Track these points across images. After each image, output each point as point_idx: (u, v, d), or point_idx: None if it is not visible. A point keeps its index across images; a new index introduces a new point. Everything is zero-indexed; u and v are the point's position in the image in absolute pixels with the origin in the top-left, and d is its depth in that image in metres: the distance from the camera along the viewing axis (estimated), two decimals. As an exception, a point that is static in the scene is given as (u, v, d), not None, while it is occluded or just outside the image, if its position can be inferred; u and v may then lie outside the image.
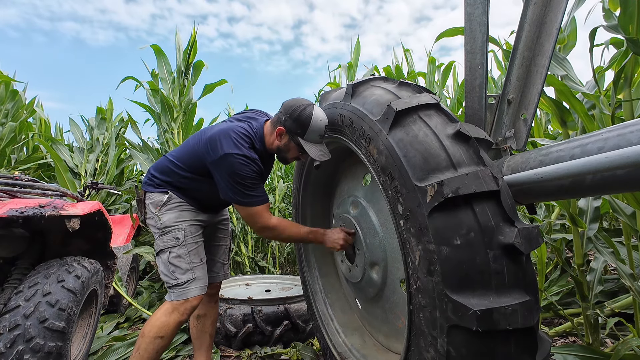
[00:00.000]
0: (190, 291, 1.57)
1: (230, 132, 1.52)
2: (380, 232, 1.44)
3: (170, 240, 1.61)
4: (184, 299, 1.55)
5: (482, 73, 1.18)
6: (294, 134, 1.52)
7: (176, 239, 1.60)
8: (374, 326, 1.69)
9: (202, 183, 1.62)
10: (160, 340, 1.51)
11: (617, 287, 2.41)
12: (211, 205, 1.75)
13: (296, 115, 1.48)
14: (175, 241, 1.60)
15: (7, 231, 1.92)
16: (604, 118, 1.87)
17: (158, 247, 1.62)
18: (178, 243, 1.60)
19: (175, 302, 1.55)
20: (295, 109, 1.50)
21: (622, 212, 1.75)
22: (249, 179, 1.49)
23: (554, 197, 1.02)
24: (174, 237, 1.61)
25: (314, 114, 1.47)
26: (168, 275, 1.58)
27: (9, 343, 1.45)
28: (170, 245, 1.60)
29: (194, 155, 1.61)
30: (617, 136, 0.79)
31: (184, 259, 1.59)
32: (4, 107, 4.63)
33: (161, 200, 1.63)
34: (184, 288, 1.56)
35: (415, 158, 0.96)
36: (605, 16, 1.70)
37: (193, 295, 1.57)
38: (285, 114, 1.52)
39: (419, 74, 4.48)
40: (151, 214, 1.65)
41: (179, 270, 1.58)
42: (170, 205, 1.63)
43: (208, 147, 1.53)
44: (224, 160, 1.47)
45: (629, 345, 1.51)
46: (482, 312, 0.81)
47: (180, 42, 4.08)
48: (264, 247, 4.96)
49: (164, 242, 1.61)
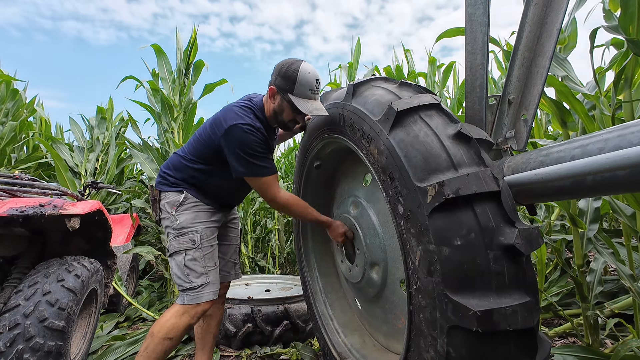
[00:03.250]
0: (204, 295, 1.54)
1: (232, 107, 1.55)
2: (381, 232, 1.44)
3: (186, 242, 1.58)
4: (196, 303, 1.53)
5: (482, 73, 1.18)
6: (285, 91, 1.50)
7: (193, 242, 1.58)
8: (374, 326, 1.69)
9: (214, 174, 1.62)
10: (169, 341, 1.50)
11: (617, 288, 2.41)
12: (225, 199, 1.74)
13: (284, 71, 1.48)
14: (191, 243, 1.57)
15: (7, 230, 1.91)
16: (605, 119, 1.87)
17: (173, 248, 1.59)
18: (195, 246, 1.57)
19: (188, 305, 1.53)
20: (282, 66, 1.50)
21: (622, 212, 1.75)
22: (256, 148, 1.48)
23: (554, 198, 1.02)
24: (190, 240, 1.58)
25: (302, 67, 1.46)
26: (182, 278, 1.55)
27: (8, 342, 1.45)
28: (186, 247, 1.57)
29: (202, 143, 1.61)
30: (618, 137, 0.79)
31: (199, 262, 1.56)
32: (5, 106, 4.63)
33: (177, 200, 1.62)
34: (197, 292, 1.54)
35: (415, 158, 0.96)
36: (606, 17, 1.70)
37: (206, 300, 1.55)
38: (275, 74, 1.52)
39: (420, 74, 4.47)
40: (167, 214, 1.63)
41: (194, 273, 1.55)
42: (187, 205, 1.61)
43: (214, 127, 1.54)
44: (230, 133, 1.48)
45: (628, 346, 1.51)
46: (482, 312, 0.81)
47: (181, 41, 4.08)
48: (263, 247, 4.96)
49: (180, 243, 1.58)
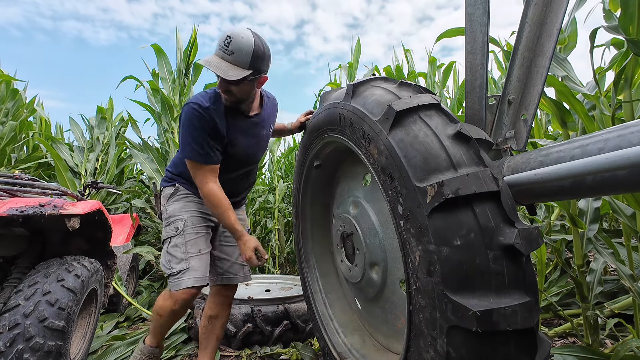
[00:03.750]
0: (183, 281, 1.54)
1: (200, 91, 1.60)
2: (380, 232, 1.44)
3: (171, 230, 1.62)
4: (176, 289, 1.54)
5: (482, 73, 1.18)
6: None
7: (176, 229, 1.61)
8: (374, 326, 1.69)
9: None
10: (159, 317, 1.59)
11: (616, 288, 2.41)
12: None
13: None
14: (175, 231, 1.61)
15: (7, 230, 1.91)
16: (604, 119, 1.87)
17: (163, 237, 1.65)
18: (177, 232, 1.61)
19: (172, 291, 1.56)
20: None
21: (622, 213, 1.75)
22: (196, 128, 1.47)
23: (554, 198, 1.02)
24: (174, 227, 1.62)
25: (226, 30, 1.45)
26: (165, 264, 1.60)
27: (8, 342, 1.45)
28: (170, 234, 1.62)
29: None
30: (618, 137, 0.79)
31: (180, 248, 1.58)
32: (5, 106, 4.63)
33: (169, 193, 1.70)
34: (177, 278, 1.55)
35: (415, 158, 0.96)
36: (606, 17, 1.70)
37: (186, 286, 1.53)
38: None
39: (420, 74, 4.47)
40: (163, 208, 1.71)
41: (174, 259, 1.57)
42: (177, 196, 1.68)
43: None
44: (182, 113, 1.53)
45: (628, 346, 1.51)
46: (481, 312, 0.81)
47: (181, 41, 4.08)
48: (264, 246, 4.96)
49: (167, 232, 1.64)
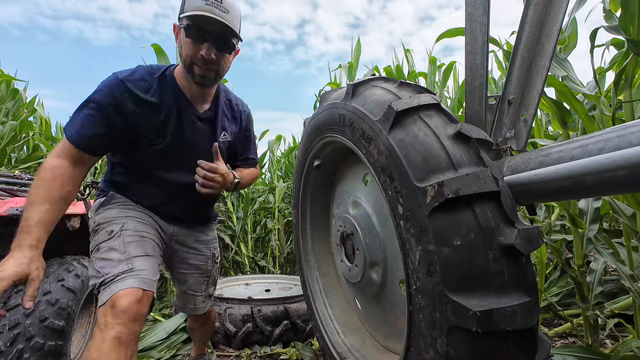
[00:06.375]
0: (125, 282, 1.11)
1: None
2: (380, 232, 1.44)
3: (102, 235, 1.26)
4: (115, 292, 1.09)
5: (482, 73, 1.18)
6: (180, 19, 1.26)
7: (110, 232, 1.26)
8: (374, 326, 1.69)
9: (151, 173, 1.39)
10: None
11: (617, 288, 2.41)
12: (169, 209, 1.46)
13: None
14: (108, 234, 1.25)
15: (7, 230, 1.91)
16: (605, 119, 1.87)
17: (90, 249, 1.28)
18: (112, 236, 1.24)
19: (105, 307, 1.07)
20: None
21: (622, 213, 1.75)
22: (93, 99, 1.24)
23: (554, 198, 1.02)
24: (106, 232, 1.26)
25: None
26: (95, 275, 1.17)
27: (9, 341, 1.45)
28: (101, 240, 1.24)
29: None
30: (618, 137, 0.79)
31: (117, 250, 1.20)
32: (5, 105, 4.63)
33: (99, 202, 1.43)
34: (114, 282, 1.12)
35: (415, 158, 0.96)
36: (606, 17, 1.70)
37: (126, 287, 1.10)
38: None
39: (420, 74, 4.47)
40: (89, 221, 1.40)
41: (110, 263, 1.17)
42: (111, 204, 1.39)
43: None
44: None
45: (628, 346, 1.51)
46: (481, 313, 0.81)
47: (181, 41, 4.07)
48: (264, 246, 4.96)
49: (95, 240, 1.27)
